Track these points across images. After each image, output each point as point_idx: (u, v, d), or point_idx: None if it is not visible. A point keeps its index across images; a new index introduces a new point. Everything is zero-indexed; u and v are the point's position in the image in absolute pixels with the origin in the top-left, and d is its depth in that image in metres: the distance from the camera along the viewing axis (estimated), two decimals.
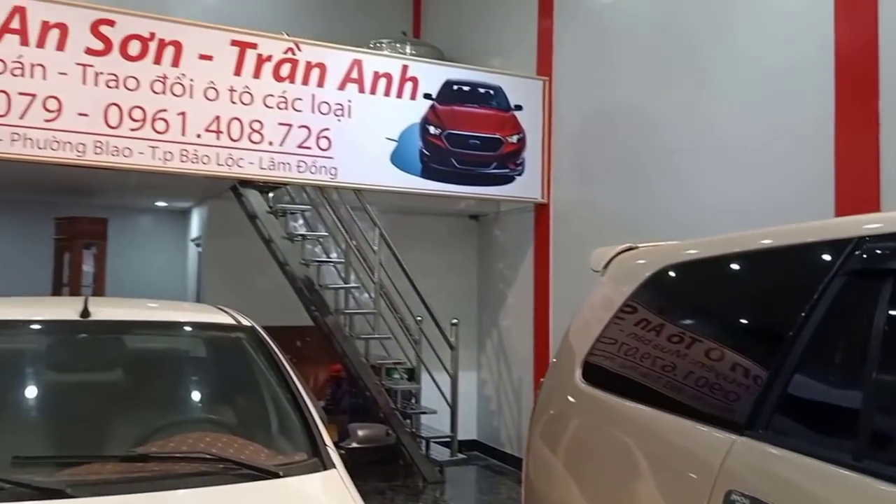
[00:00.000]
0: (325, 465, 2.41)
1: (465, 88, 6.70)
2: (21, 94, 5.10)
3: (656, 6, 5.82)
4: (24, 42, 5.13)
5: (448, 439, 6.76)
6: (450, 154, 6.54)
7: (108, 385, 2.84)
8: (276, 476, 2.26)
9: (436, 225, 8.35)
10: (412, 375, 6.97)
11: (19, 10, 5.13)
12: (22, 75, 5.11)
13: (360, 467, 6.36)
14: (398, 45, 8.27)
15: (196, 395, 3.00)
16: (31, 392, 2.72)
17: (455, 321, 6.66)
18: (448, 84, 6.62)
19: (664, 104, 5.65)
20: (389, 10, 9.49)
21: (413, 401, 6.91)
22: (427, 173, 6.44)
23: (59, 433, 2.49)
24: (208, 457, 2.29)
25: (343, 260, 6.57)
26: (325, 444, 2.51)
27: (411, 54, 8.17)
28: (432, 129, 6.49)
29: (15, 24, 5.11)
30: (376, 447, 6.57)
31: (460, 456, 6.79)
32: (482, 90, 6.77)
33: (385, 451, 6.69)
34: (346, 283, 6.55)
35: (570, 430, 2.86)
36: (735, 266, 2.29)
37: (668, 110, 5.60)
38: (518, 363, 7.38)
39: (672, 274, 2.50)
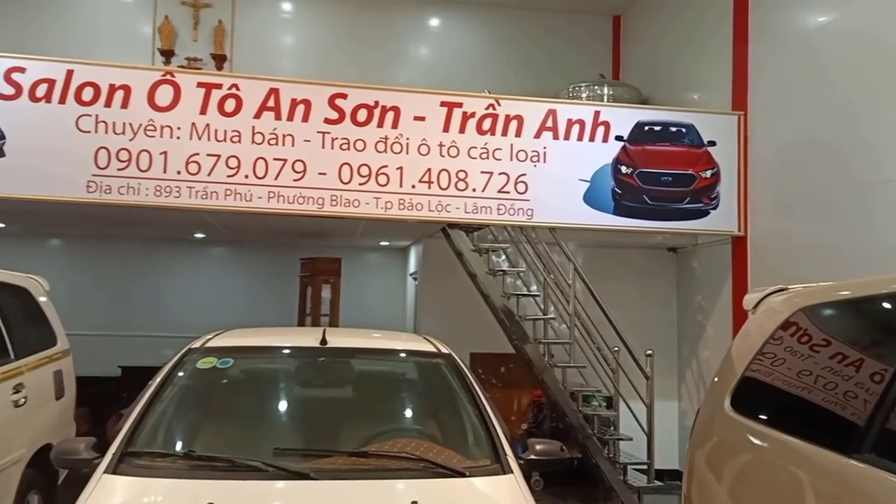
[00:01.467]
0: (504, 470, 2.94)
1: (657, 128, 6.98)
2: (275, 159, 6.26)
3: (863, 30, 5.65)
4: (278, 117, 6.31)
5: (645, 466, 6.95)
6: (641, 191, 6.85)
7: (341, 398, 3.63)
8: (463, 475, 2.84)
9: (634, 257, 8.65)
10: (610, 403, 7.27)
11: (274, 92, 6.32)
12: (276, 144, 6.28)
13: (560, 487, 6.80)
14: (596, 88, 8.75)
15: (406, 409, 3.70)
16: (285, 401, 3.58)
17: (650, 352, 6.88)
18: (639, 125, 6.94)
19: (876, 131, 5.42)
20: (589, 54, 9.96)
21: (611, 428, 7.19)
22: (619, 210, 6.80)
23: (306, 432, 3.28)
24: (412, 457, 2.93)
25: (540, 293, 7.09)
26: (506, 454, 3.04)
27: (609, 95, 8.61)
28: (624, 169, 6.84)
29: (271, 103, 6.31)
30: (581, 470, 7.01)
31: (657, 483, 6.95)
32: (673, 129, 7.01)
33: (585, 473, 7.08)
34: (544, 315, 7.05)
35: (734, 459, 3.13)
36: (865, 308, 2.50)
37: (883, 137, 5.35)
38: None
39: (809, 314, 2.74)
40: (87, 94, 6.04)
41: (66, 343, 5.37)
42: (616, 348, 7.00)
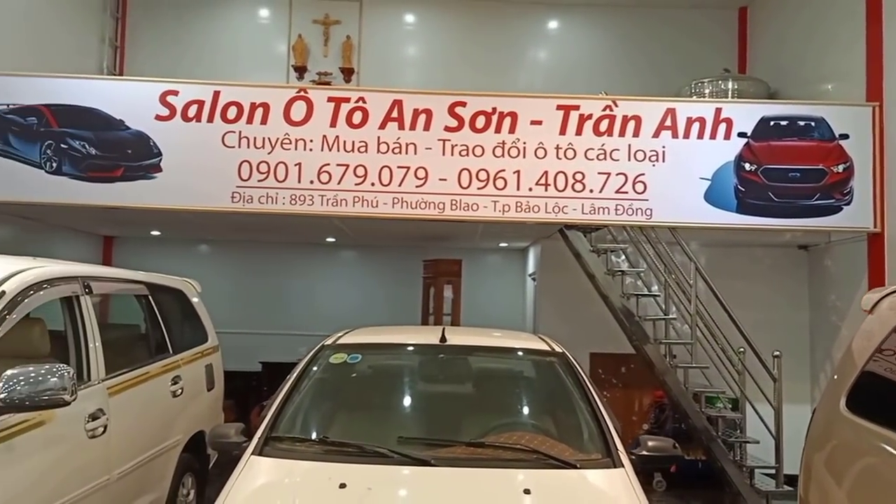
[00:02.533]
0: (615, 464, 3.06)
1: (783, 123, 6.77)
2: (399, 167, 6.59)
3: None
4: (401, 127, 6.64)
5: (774, 470, 6.76)
6: (767, 188, 6.67)
7: (459, 392, 3.86)
8: (574, 467, 2.99)
9: (762, 256, 8.40)
10: (736, 405, 7.11)
11: (397, 103, 6.66)
12: (400, 152, 6.61)
13: (685, 490, 6.73)
14: (720, 83, 8.54)
15: (520, 404, 3.88)
16: (408, 394, 3.86)
17: (777, 353, 6.68)
18: (764, 120, 6.76)
19: None
20: (714, 49, 9.72)
21: (737, 430, 7.03)
22: (743, 208, 6.65)
23: (427, 423, 3.54)
24: (526, 448, 3.11)
25: (660, 293, 7.04)
26: (617, 449, 3.16)
27: (734, 90, 8.39)
28: (747, 166, 6.69)
29: (394, 114, 6.65)
30: (706, 473, 6.91)
31: (787, 488, 6.74)
32: (801, 123, 6.77)
33: (710, 476, 6.97)
34: (665, 315, 7.01)
35: (854, 462, 3.08)
36: None
37: None
38: None
39: None
40: (232, 112, 6.61)
41: (215, 340, 5.92)
42: (741, 349, 6.85)
